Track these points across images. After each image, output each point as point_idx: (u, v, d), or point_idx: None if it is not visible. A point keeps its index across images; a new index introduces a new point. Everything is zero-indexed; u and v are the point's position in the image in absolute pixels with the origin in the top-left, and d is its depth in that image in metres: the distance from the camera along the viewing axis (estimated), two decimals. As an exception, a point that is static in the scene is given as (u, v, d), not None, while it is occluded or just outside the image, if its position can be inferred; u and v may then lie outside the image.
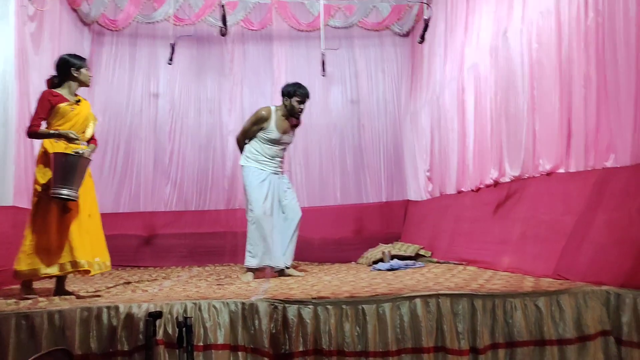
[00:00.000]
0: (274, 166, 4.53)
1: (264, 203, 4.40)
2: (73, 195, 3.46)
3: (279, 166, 4.59)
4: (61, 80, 3.69)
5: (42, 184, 3.49)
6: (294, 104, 4.48)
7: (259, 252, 4.34)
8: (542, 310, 2.66)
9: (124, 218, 6.49)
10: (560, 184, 3.52)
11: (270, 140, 4.48)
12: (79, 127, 3.67)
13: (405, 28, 6.98)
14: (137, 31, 6.83)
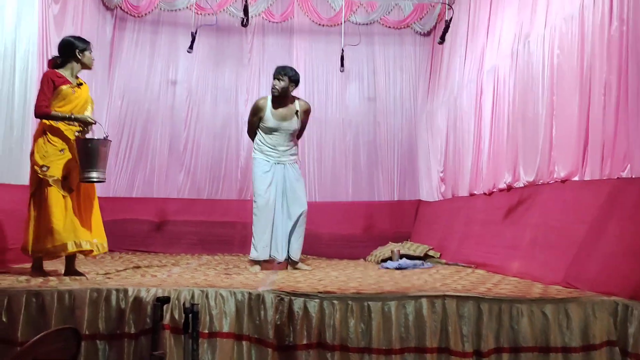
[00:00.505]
0: (278, 155, 4.47)
1: (265, 194, 4.38)
2: (102, 177, 3.59)
3: (284, 155, 4.50)
4: (64, 61, 3.69)
5: (42, 165, 3.51)
6: (273, 82, 4.45)
7: (262, 244, 4.34)
8: (549, 318, 2.65)
9: (137, 203, 6.55)
10: (574, 192, 3.49)
11: (269, 128, 4.45)
12: (79, 109, 3.67)
13: (427, 27, 6.95)
14: (159, 18, 6.87)
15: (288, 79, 4.42)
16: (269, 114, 4.43)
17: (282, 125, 4.45)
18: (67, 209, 3.54)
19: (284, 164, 4.49)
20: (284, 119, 4.45)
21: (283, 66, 4.52)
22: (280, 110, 4.44)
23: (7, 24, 4.36)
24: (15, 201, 4.40)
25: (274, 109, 4.43)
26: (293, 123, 4.48)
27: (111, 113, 6.64)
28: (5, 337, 2.71)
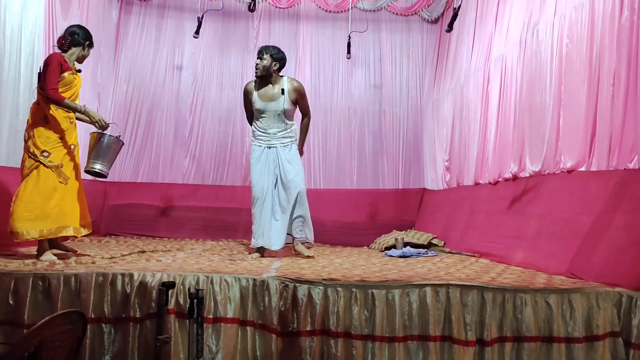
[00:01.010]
0: (268, 139, 4.39)
1: (258, 181, 4.34)
2: (105, 171, 3.76)
3: (275, 138, 4.39)
4: (70, 46, 3.74)
5: (43, 150, 3.56)
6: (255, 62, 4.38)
7: (259, 232, 4.32)
8: (553, 308, 2.66)
9: (142, 188, 6.57)
10: (580, 182, 3.48)
11: (258, 111, 4.38)
12: (75, 97, 3.73)
13: (434, 15, 6.90)
14: (166, 2, 6.83)
15: (270, 57, 4.32)
16: (256, 96, 4.36)
17: (269, 106, 4.34)
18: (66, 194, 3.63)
19: (275, 147, 4.39)
20: (270, 99, 4.34)
21: (265, 45, 4.48)
22: (266, 90, 4.36)
23: (14, 7, 4.34)
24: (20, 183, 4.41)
25: (260, 90, 4.36)
26: (280, 103, 4.34)
27: (117, 98, 6.63)
28: (12, 320, 2.74)
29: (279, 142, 4.40)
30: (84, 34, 3.83)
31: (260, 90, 4.37)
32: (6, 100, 4.29)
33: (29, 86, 4.59)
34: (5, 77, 4.26)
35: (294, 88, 4.40)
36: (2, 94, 4.22)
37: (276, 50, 4.38)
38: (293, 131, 4.49)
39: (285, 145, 4.41)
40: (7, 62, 4.27)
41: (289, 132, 4.44)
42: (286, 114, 4.39)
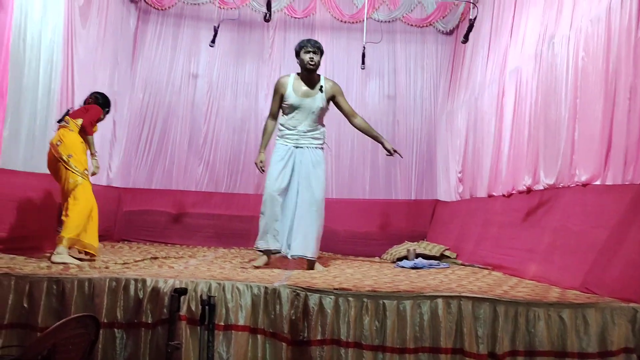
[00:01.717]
0: (297, 137, 4.15)
1: (276, 181, 4.08)
2: None
3: (305, 137, 4.16)
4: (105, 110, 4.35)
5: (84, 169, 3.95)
6: (303, 57, 4.14)
7: (267, 234, 4.09)
8: (566, 322, 2.63)
9: (156, 194, 6.62)
10: (595, 196, 3.45)
11: (290, 106, 4.15)
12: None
13: (450, 26, 6.91)
14: (182, 11, 6.92)
15: (320, 52, 4.21)
16: (291, 90, 4.15)
17: (305, 102, 4.14)
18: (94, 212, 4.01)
19: (302, 147, 4.15)
20: (306, 96, 4.15)
21: (314, 40, 4.26)
22: (304, 86, 4.18)
23: (35, 15, 4.42)
24: (36, 189, 4.48)
25: (296, 85, 4.17)
26: (317, 100, 4.15)
27: (133, 105, 6.71)
28: (26, 323, 2.77)
29: (308, 142, 4.17)
30: (103, 100, 4.33)
31: (295, 85, 4.17)
32: (25, 106, 4.36)
33: (47, 93, 4.66)
34: (25, 83, 4.33)
35: (332, 86, 4.25)
36: (21, 100, 4.29)
37: (320, 44, 4.27)
38: (323, 134, 4.28)
39: (314, 147, 4.19)
40: (26, 69, 4.34)
41: (319, 133, 4.23)
42: (320, 113, 4.21)
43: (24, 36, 4.27)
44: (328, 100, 4.23)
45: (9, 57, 4.05)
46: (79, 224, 3.79)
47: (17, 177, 4.26)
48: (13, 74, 4.14)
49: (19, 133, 4.28)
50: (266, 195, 4.12)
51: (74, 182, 3.86)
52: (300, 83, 4.18)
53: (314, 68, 4.16)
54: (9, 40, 4.05)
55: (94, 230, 3.96)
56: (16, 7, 4.12)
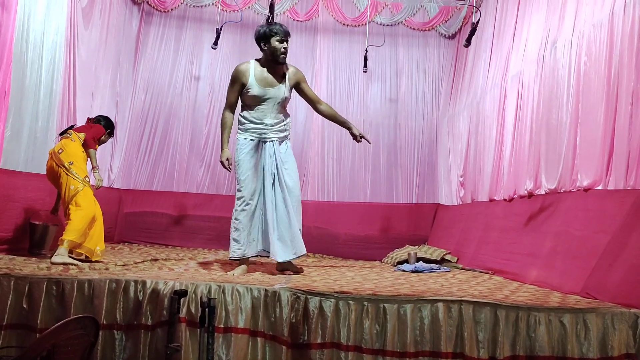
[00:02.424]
0: (264, 131, 3.82)
1: (251, 180, 3.78)
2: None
3: (272, 130, 3.84)
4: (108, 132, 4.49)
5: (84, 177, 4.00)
6: (274, 44, 3.76)
7: (245, 240, 3.76)
8: (567, 327, 2.62)
9: (157, 196, 6.62)
10: (596, 201, 3.44)
11: (254, 98, 3.79)
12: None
13: (452, 30, 6.92)
14: (185, 13, 6.93)
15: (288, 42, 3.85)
16: (253, 79, 3.78)
17: (269, 92, 3.80)
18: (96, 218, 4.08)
19: (271, 141, 3.83)
20: (270, 85, 3.80)
21: (284, 26, 3.86)
22: (267, 75, 3.82)
23: (38, 15, 4.43)
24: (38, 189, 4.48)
25: (260, 75, 3.80)
26: (281, 90, 3.82)
27: (135, 106, 6.72)
28: (25, 324, 2.76)
29: (276, 135, 3.85)
30: (106, 122, 4.48)
31: (257, 73, 3.80)
32: (27, 107, 4.36)
33: (49, 94, 4.67)
34: (27, 83, 4.33)
35: (294, 72, 3.92)
36: (23, 101, 4.29)
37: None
38: (288, 124, 3.97)
39: (281, 141, 3.88)
40: (29, 70, 4.35)
41: (285, 124, 3.91)
42: (285, 103, 3.91)
43: (26, 37, 4.28)
44: (292, 88, 3.93)
45: (11, 57, 4.06)
46: (80, 228, 3.81)
47: (18, 177, 4.26)
48: (15, 75, 4.15)
49: (21, 133, 4.29)
50: (242, 201, 3.77)
51: (74, 189, 3.89)
52: (263, 71, 3.82)
53: (285, 60, 3.83)
54: (12, 41, 4.06)
55: (98, 234, 4.00)
56: (20, 8, 4.13)
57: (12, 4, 4.03)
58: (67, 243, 3.72)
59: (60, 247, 3.70)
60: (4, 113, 4.03)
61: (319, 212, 6.59)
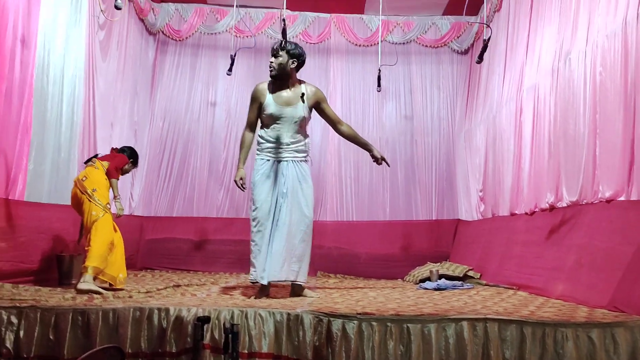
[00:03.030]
0: (280, 151, 3.77)
1: (265, 200, 3.73)
2: None
3: (288, 150, 3.78)
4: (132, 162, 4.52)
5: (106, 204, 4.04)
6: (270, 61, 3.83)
7: (260, 263, 3.70)
8: (595, 343, 2.57)
9: (177, 222, 6.68)
10: (619, 212, 3.39)
11: (270, 117, 3.77)
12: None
13: (464, 46, 6.93)
14: (199, 41, 7.05)
15: (286, 53, 3.77)
16: (270, 98, 3.78)
17: (285, 111, 3.76)
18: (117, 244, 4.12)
19: (287, 161, 3.78)
20: (287, 104, 3.77)
21: (277, 43, 3.86)
22: (283, 93, 3.79)
23: (57, 50, 4.55)
24: (61, 220, 4.55)
25: (275, 93, 3.79)
26: (299, 109, 3.77)
27: (153, 134, 6.82)
28: (52, 355, 2.79)
29: (292, 155, 3.80)
30: (130, 152, 4.51)
31: (276, 92, 3.80)
32: (49, 140, 4.46)
33: (70, 126, 4.77)
34: (48, 117, 4.44)
35: (314, 92, 3.87)
36: (45, 134, 4.39)
37: (293, 45, 3.83)
38: (307, 145, 3.90)
39: (298, 161, 3.82)
40: (49, 103, 4.46)
41: (302, 144, 3.85)
42: (303, 123, 3.85)
43: (47, 72, 4.40)
44: (311, 108, 3.88)
45: (32, 93, 4.18)
46: (101, 254, 3.85)
47: (43, 209, 4.34)
48: (37, 109, 4.25)
49: (44, 166, 4.38)
50: (258, 222, 3.74)
51: (96, 215, 3.94)
52: (281, 90, 3.81)
53: (273, 74, 3.80)
54: (33, 77, 4.18)
55: (119, 262, 4.05)
56: (39, 44, 4.26)
57: (32, 41, 4.15)
58: (91, 269, 3.75)
59: (85, 274, 3.75)
60: (26, 147, 4.12)
61: (338, 233, 6.58)
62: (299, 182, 3.77)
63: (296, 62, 3.82)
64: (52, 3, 4.44)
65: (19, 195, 4.05)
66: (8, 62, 3.86)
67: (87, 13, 4.99)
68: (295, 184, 3.76)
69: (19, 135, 4.03)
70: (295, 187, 3.75)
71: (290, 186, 3.74)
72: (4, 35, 3.80)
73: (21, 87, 4.03)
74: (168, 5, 6.91)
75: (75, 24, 4.83)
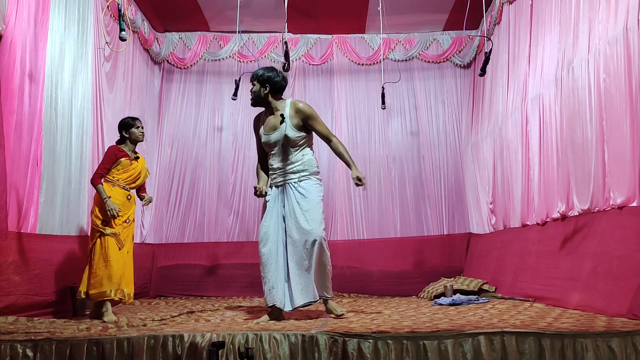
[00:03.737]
0: (276, 178, 3.78)
1: (263, 223, 3.78)
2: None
3: (284, 174, 3.76)
4: (121, 139, 4.27)
5: (102, 220, 3.99)
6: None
7: (268, 287, 3.70)
8: (616, 352, 2.53)
9: (189, 248, 6.69)
10: (632, 218, 3.35)
11: (266, 145, 3.81)
12: (133, 179, 4.22)
13: (467, 59, 6.97)
14: (204, 68, 7.14)
15: (257, 82, 3.79)
16: (262, 129, 3.83)
17: (272, 137, 3.75)
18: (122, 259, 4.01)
19: (283, 185, 3.76)
20: (273, 129, 3.77)
21: (256, 70, 3.89)
22: (270, 120, 3.81)
23: (65, 84, 4.62)
24: (74, 251, 4.57)
25: (265, 122, 3.84)
26: (281, 130, 3.72)
27: (162, 161, 6.88)
28: (68, 387, 2.78)
29: (288, 178, 3.74)
30: (120, 127, 4.28)
31: (264, 122, 3.84)
32: (59, 172, 4.50)
33: (80, 157, 4.81)
34: (58, 149, 4.48)
35: (296, 109, 3.76)
36: (55, 166, 4.43)
37: (262, 71, 3.81)
38: (305, 164, 3.76)
39: (295, 182, 3.73)
40: (59, 136, 4.51)
41: (297, 165, 3.74)
42: (291, 143, 3.73)
43: (55, 105, 4.46)
44: (297, 127, 3.75)
45: (42, 126, 4.23)
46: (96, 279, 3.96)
47: (54, 241, 4.36)
48: (47, 142, 4.30)
49: (55, 198, 4.41)
50: (261, 245, 3.77)
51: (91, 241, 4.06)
52: (269, 117, 3.83)
53: (251, 103, 3.88)
54: (42, 111, 4.23)
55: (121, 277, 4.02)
56: (47, 78, 4.32)
57: (40, 76, 4.22)
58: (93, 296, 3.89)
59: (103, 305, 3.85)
60: (37, 180, 4.16)
61: (350, 251, 6.56)
62: (297, 203, 3.69)
63: (268, 86, 3.79)
64: (59, 38, 4.52)
65: (31, 228, 4.07)
66: (17, 96, 3.92)
67: (92, 46, 5.07)
68: (294, 205, 3.69)
69: (30, 169, 4.08)
70: (294, 208, 3.69)
71: (290, 209, 3.71)
72: (13, 70, 3.86)
73: (30, 121, 4.09)
74: (172, 35, 7.01)
75: (82, 57, 4.91)
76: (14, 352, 2.77)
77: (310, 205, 3.69)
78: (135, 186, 4.26)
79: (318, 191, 3.77)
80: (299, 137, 3.75)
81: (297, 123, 3.75)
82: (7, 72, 3.81)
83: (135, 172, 4.23)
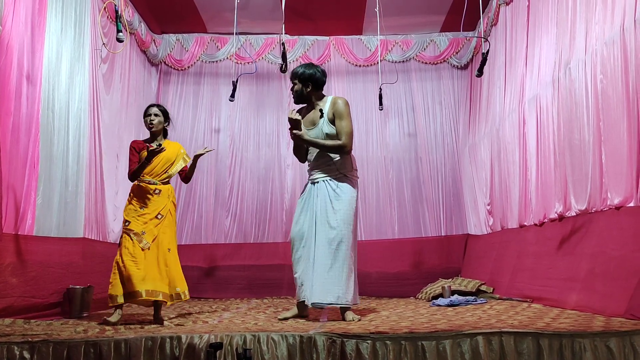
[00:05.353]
0: (311, 173, 3.82)
1: (296, 224, 3.81)
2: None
3: (318, 170, 3.77)
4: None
5: (125, 219, 3.89)
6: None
7: (298, 283, 3.75)
8: (614, 352, 2.53)
9: (186, 250, 6.64)
10: (630, 219, 3.36)
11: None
12: (159, 169, 4.02)
13: (464, 61, 6.98)
14: (201, 70, 7.13)
15: (299, 81, 3.82)
16: (302, 122, 3.78)
17: (310, 133, 3.75)
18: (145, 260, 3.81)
19: (318, 182, 3.75)
20: (312, 124, 3.79)
21: (295, 68, 3.89)
22: (310, 115, 3.84)
23: (62, 86, 4.61)
24: (71, 253, 4.56)
25: (305, 116, 3.85)
26: (319, 126, 3.75)
27: (159, 163, 6.85)
28: (65, 388, 2.76)
29: (322, 175, 3.74)
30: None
31: (304, 116, 3.85)
32: (56, 173, 4.49)
33: (77, 159, 4.80)
34: (55, 151, 4.47)
35: (333, 105, 3.76)
36: (52, 168, 4.42)
37: (302, 68, 3.83)
38: (338, 163, 3.74)
39: (330, 179, 3.71)
40: (56, 137, 4.50)
41: (332, 162, 3.73)
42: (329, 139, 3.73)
43: (52, 107, 4.45)
44: (333, 123, 3.75)
45: (39, 127, 4.22)
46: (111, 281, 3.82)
47: (52, 243, 4.35)
48: (44, 144, 4.29)
49: (52, 200, 4.40)
50: (292, 242, 3.83)
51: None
52: (309, 112, 3.86)
53: (294, 101, 3.93)
54: (39, 112, 4.23)
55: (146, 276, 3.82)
56: (44, 80, 4.31)
57: (37, 78, 4.21)
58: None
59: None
60: (34, 182, 4.15)
61: (348, 253, 6.55)
62: (329, 201, 3.66)
63: (310, 84, 3.81)
64: (56, 39, 4.51)
65: (28, 230, 4.06)
66: (14, 98, 3.91)
67: (89, 47, 5.07)
68: (326, 202, 3.66)
69: (27, 171, 4.06)
70: (325, 206, 3.66)
71: (320, 206, 3.67)
72: (10, 72, 3.86)
73: (28, 122, 4.08)
74: (169, 36, 7.01)
75: (79, 59, 4.90)
76: (10, 354, 2.76)
77: (342, 205, 3.66)
78: (167, 176, 4.03)
79: (352, 192, 3.73)
80: (338, 132, 3.73)
81: (332, 119, 3.75)
82: (4, 73, 3.80)
83: (158, 162, 3.97)
